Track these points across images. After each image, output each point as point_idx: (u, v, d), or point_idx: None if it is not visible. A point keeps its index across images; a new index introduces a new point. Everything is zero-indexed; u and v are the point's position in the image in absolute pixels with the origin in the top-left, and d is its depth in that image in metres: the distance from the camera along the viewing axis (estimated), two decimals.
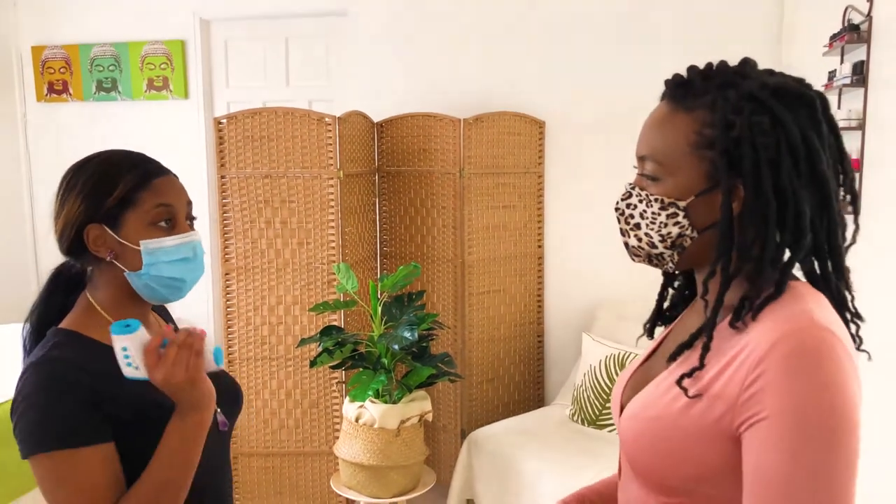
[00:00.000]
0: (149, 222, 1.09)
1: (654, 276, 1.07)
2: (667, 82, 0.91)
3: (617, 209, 0.93)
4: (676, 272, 1.01)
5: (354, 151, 3.05)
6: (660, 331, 1.08)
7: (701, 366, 0.83)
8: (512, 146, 3.25)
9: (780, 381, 0.75)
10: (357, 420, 2.58)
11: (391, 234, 3.33)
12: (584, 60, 3.28)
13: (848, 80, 2.12)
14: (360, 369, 2.63)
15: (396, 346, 2.46)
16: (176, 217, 1.12)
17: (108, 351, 1.04)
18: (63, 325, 1.11)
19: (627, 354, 2.75)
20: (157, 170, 1.13)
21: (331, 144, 2.90)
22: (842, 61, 2.25)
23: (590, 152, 3.29)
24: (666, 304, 1.06)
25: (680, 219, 0.87)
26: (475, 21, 3.40)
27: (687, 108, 0.87)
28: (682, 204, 0.87)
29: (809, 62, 2.54)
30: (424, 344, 2.67)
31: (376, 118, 3.26)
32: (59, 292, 1.16)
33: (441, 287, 3.21)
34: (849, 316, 0.88)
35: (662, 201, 0.88)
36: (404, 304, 2.72)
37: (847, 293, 0.88)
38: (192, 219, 1.16)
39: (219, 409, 1.19)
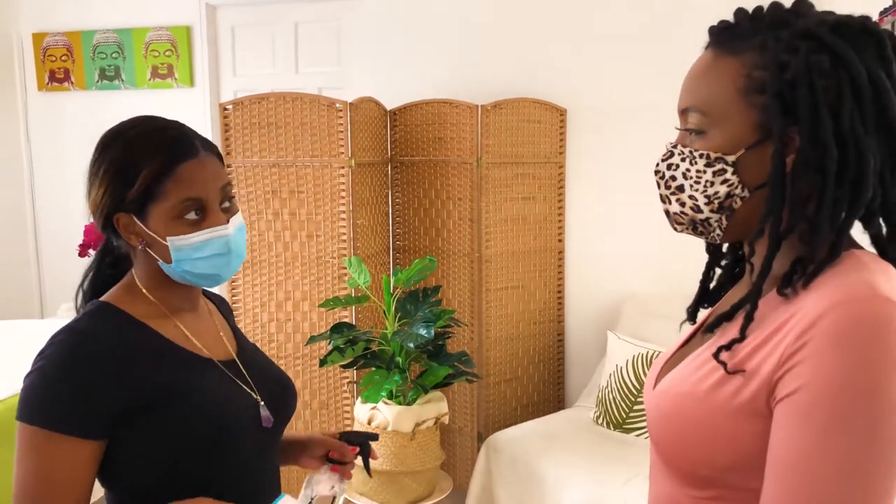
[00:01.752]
0: (174, 216, 1.00)
1: (682, 270, 0.95)
2: (710, 28, 0.82)
3: (657, 172, 0.84)
4: (723, 247, 0.90)
5: (366, 140, 2.91)
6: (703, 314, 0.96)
7: (742, 337, 0.74)
8: (532, 135, 3.09)
9: (823, 353, 0.66)
10: (369, 422, 2.44)
11: (404, 226, 3.18)
12: (607, 45, 3.11)
13: None
14: (373, 369, 2.48)
15: (411, 345, 2.31)
16: (207, 207, 1.01)
17: (142, 327, 1.02)
18: (103, 297, 1.06)
19: (656, 354, 2.59)
20: (184, 152, 1.00)
21: (342, 132, 2.75)
22: None
23: (613, 142, 3.12)
24: (712, 285, 0.94)
25: (728, 176, 0.78)
26: (493, 3, 3.25)
27: (734, 52, 0.78)
28: (730, 159, 0.77)
29: None
30: (441, 342, 2.53)
31: (389, 105, 3.11)
32: (106, 261, 1.13)
33: (457, 283, 3.06)
34: None
35: (708, 157, 0.78)
36: (419, 299, 2.57)
37: None
38: (230, 199, 1.05)
39: (262, 403, 1.09)
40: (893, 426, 0.65)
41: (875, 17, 2.14)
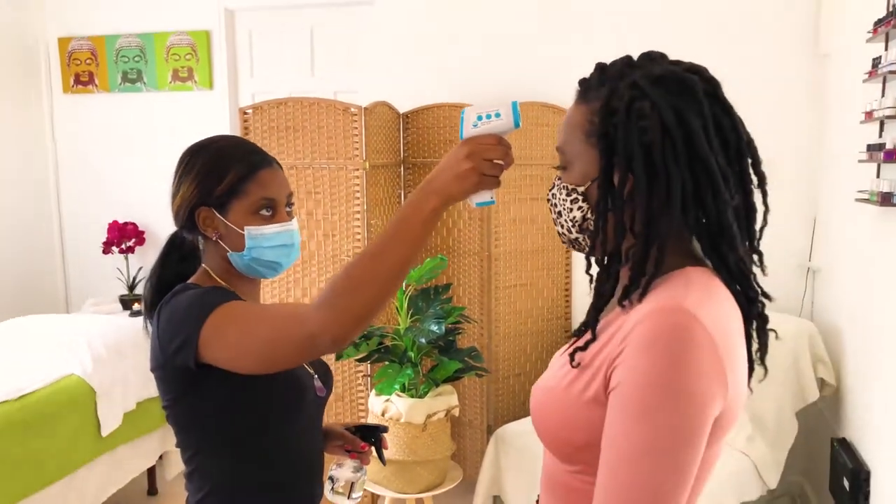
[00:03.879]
0: (252, 211, 1.21)
1: None
2: (579, 81, 0.97)
3: (547, 200, 1.01)
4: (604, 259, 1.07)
5: (380, 143, 3.01)
6: None
7: (594, 338, 0.90)
8: (539, 137, 3.19)
9: (633, 356, 0.81)
10: (383, 414, 2.55)
11: None
12: (610, 49, 3.18)
13: (895, 67, 2.03)
14: (386, 363, 2.59)
15: (423, 340, 2.42)
16: (277, 207, 1.23)
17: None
18: (188, 282, 1.24)
19: None
20: (263, 161, 1.23)
21: (357, 135, 2.86)
22: (886, 47, 2.16)
23: None
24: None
25: (581, 203, 0.94)
26: (502, 10, 3.34)
27: (585, 101, 0.94)
28: (580, 189, 0.94)
29: (852, 49, 2.45)
30: (451, 338, 2.63)
31: (402, 109, 3.21)
32: (174, 257, 1.30)
33: (467, 280, 3.17)
34: (753, 294, 0.92)
35: (567, 188, 0.95)
36: (430, 297, 2.68)
37: (747, 272, 0.91)
38: (290, 205, 1.28)
39: (316, 376, 1.31)
40: (683, 414, 0.79)
41: (870, 28, 2.22)
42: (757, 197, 0.92)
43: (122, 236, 3.80)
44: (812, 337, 2.66)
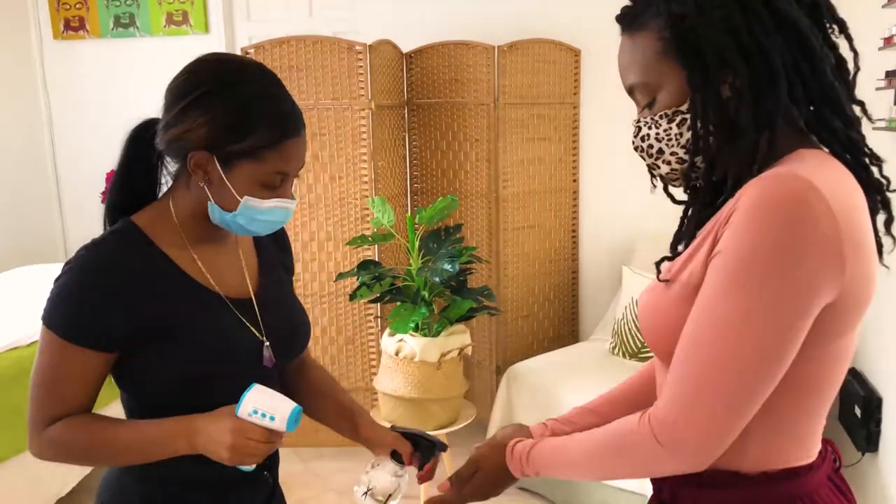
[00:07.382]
0: (260, 181, 1.03)
1: None
2: (616, 17, 0.93)
3: (636, 148, 0.96)
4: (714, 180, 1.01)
5: (384, 83, 2.95)
6: None
7: (694, 233, 0.89)
8: (547, 75, 3.13)
9: (740, 222, 0.77)
10: (397, 354, 2.55)
11: (422, 169, 3.24)
12: None
13: None
14: (398, 303, 2.58)
15: (437, 279, 2.41)
16: (285, 181, 1.07)
17: (161, 256, 1.06)
18: (133, 217, 1.08)
19: None
20: (293, 130, 1.03)
21: (361, 74, 2.80)
22: None
23: None
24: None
25: (689, 122, 0.88)
26: None
27: (641, 27, 0.89)
28: (684, 108, 0.88)
29: (867, 17, 2.39)
30: (463, 277, 2.62)
31: (405, 48, 3.14)
32: (141, 163, 1.10)
33: (475, 222, 3.14)
34: (866, 160, 0.87)
35: (667, 114, 0.89)
36: (441, 237, 2.66)
37: (855, 138, 0.86)
38: (297, 177, 1.10)
39: (268, 344, 1.13)
40: (783, 296, 0.75)
41: None
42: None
43: None
44: None
